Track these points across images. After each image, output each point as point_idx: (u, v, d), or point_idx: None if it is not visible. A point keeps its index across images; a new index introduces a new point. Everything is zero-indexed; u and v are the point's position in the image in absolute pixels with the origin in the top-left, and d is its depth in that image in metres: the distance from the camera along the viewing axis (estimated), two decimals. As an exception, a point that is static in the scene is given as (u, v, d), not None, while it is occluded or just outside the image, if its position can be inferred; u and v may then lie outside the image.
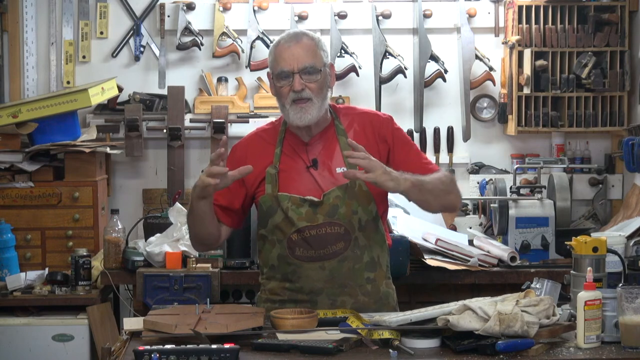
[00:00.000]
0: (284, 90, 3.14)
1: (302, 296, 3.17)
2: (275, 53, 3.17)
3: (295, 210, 3.14)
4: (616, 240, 3.13)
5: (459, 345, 2.66)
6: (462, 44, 4.94)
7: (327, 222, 3.14)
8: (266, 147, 3.24)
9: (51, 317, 4.31)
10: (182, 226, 4.28)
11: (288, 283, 3.20)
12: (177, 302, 4.06)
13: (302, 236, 3.15)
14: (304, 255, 3.16)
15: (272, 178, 3.17)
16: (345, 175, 2.99)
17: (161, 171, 5.02)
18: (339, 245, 3.15)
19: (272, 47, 3.20)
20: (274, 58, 3.17)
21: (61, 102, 4.60)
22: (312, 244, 3.15)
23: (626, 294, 2.71)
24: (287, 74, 3.12)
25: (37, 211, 4.58)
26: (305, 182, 3.17)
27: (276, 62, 3.16)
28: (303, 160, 3.19)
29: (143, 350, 2.53)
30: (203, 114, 4.97)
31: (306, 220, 3.14)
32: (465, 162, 5.05)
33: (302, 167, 3.19)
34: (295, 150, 3.21)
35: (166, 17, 4.97)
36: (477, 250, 4.32)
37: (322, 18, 4.96)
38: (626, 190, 4.90)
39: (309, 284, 3.16)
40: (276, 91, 3.18)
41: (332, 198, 3.15)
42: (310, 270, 3.16)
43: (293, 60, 3.12)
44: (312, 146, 3.21)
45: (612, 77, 4.80)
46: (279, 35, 3.22)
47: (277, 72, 3.15)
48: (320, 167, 3.19)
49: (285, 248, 3.17)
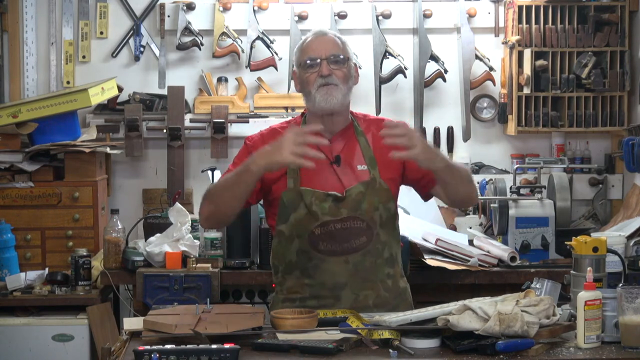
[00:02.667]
0: (311, 77, 3.20)
1: (324, 292, 3.17)
2: (302, 47, 3.26)
3: (319, 205, 3.17)
4: (616, 240, 3.13)
5: (459, 345, 2.66)
6: (462, 44, 4.94)
7: (351, 216, 3.18)
8: None
9: (51, 317, 4.31)
10: (182, 226, 4.28)
11: (308, 279, 3.19)
12: (177, 302, 4.05)
13: (327, 230, 3.17)
14: (328, 249, 3.18)
15: (294, 173, 3.19)
16: (393, 157, 3.01)
17: (161, 171, 5.02)
18: (362, 240, 3.19)
19: (299, 45, 3.28)
20: (301, 50, 3.25)
21: (61, 102, 4.60)
22: (336, 238, 3.18)
23: (626, 294, 2.71)
24: (315, 61, 3.19)
25: (37, 211, 4.58)
26: (328, 178, 3.20)
27: (303, 53, 3.24)
28: (326, 155, 3.20)
29: (143, 350, 2.53)
30: (203, 114, 4.97)
31: (330, 215, 3.17)
32: (465, 162, 5.04)
33: (325, 163, 3.20)
34: (317, 146, 3.16)
35: (166, 17, 4.97)
36: (477, 250, 4.32)
37: (322, 18, 4.96)
38: (626, 190, 4.90)
39: (332, 279, 3.18)
40: (302, 81, 3.23)
41: (355, 194, 3.19)
42: (334, 265, 3.18)
43: (321, 48, 3.21)
44: (335, 143, 3.24)
45: (612, 77, 4.80)
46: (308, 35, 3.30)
47: (304, 61, 3.21)
48: (342, 164, 3.23)
49: (306, 243, 3.18)
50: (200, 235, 4.38)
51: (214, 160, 4.94)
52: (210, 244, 4.32)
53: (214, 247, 4.32)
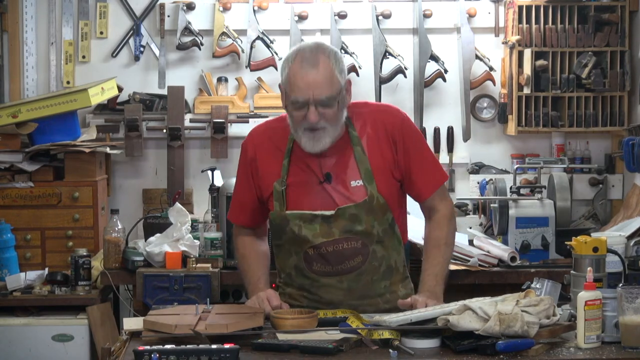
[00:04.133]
0: (298, 116, 3.01)
1: (322, 306, 3.12)
2: (290, 75, 3.01)
3: (308, 227, 3.08)
4: (616, 240, 3.13)
5: (459, 345, 2.66)
6: (462, 44, 4.94)
7: (344, 237, 3.09)
8: (275, 152, 3.15)
9: (51, 317, 4.31)
10: (182, 226, 4.28)
11: (306, 292, 3.18)
12: (177, 302, 4.05)
13: (319, 252, 3.10)
14: (321, 270, 3.12)
15: (279, 195, 3.10)
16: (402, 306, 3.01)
17: (161, 171, 5.02)
18: (357, 260, 3.12)
19: (287, 63, 3.03)
20: (289, 80, 3.01)
21: (61, 102, 4.60)
22: (329, 260, 3.10)
23: (626, 294, 2.71)
24: (303, 104, 2.99)
25: (37, 211, 4.57)
26: (317, 197, 3.09)
27: (291, 87, 3.00)
28: (315, 174, 3.10)
29: (143, 350, 2.53)
30: (203, 114, 4.97)
31: (322, 236, 3.08)
32: (465, 162, 5.05)
33: (314, 182, 3.10)
34: (306, 163, 3.10)
35: (166, 17, 4.97)
36: (477, 250, 4.32)
37: (322, 18, 4.96)
38: (626, 190, 4.90)
39: (328, 296, 3.14)
40: (289, 113, 3.07)
41: (348, 214, 3.08)
42: (328, 285, 3.13)
43: (309, 90, 2.97)
44: (326, 159, 3.10)
45: (612, 77, 4.80)
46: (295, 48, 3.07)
47: (291, 99, 3.01)
48: (334, 181, 3.10)
49: (302, 261, 3.14)
50: (200, 235, 4.38)
51: (214, 160, 4.93)
52: (210, 244, 4.32)
53: (214, 247, 4.32)
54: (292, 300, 3.20)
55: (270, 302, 3.07)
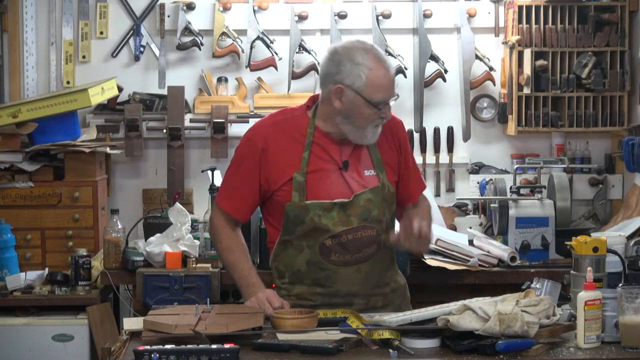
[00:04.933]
0: (373, 115, 3.10)
1: (337, 299, 3.16)
2: (372, 77, 3.07)
3: (327, 216, 3.12)
4: (616, 240, 3.13)
5: (459, 345, 2.66)
6: (462, 44, 4.94)
7: (361, 225, 3.15)
8: (291, 143, 3.17)
9: (51, 317, 4.31)
10: (182, 226, 4.28)
11: (320, 288, 3.18)
12: (177, 302, 4.05)
13: (339, 241, 3.14)
14: (340, 260, 3.16)
15: (300, 186, 3.13)
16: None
17: (161, 171, 5.01)
18: (372, 248, 3.18)
19: (361, 67, 3.07)
20: (372, 82, 3.07)
21: (61, 102, 4.60)
22: (348, 248, 3.15)
23: (626, 294, 2.71)
24: (386, 103, 3.10)
25: (37, 211, 4.57)
26: (335, 184, 3.15)
27: (376, 89, 3.07)
28: (335, 161, 3.17)
29: (143, 350, 2.53)
30: (203, 114, 4.97)
31: (341, 225, 3.13)
32: (465, 162, 5.05)
33: (333, 168, 3.16)
34: (326, 151, 3.17)
35: (166, 17, 4.97)
36: (477, 250, 4.32)
37: (322, 18, 4.96)
38: (626, 190, 4.90)
39: (345, 288, 3.17)
40: (360, 113, 3.09)
41: (363, 201, 3.15)
42: (346, 274, 3.16)
43: (391, 89, 3.10)
44: (344, 147, 3.19)
45: (612, 77, 4.80)
46: (357, 48, 3.10)
47: (376, 101, 3.07)
48: (350, 169, 3.18)
49: (317, 254, 3.15)
50: (200, 235, 4.38)
51: (214, 160, 4.93)
52: (210, 244, 4.32)
53: (214, 247, 4.32)
54: (301, 300, 3.18)
55: (272, 303, 3.07)
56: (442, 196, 5.04)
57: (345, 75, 3.07)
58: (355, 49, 3.10)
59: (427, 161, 5.04)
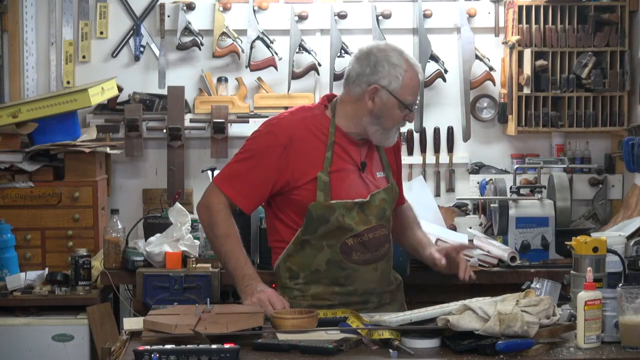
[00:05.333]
0: (400, 116, 3.18)
1: (354, 298, 3.21)
2: (408, 80, 3.16)
3: (349, 215, 3.17)
4: (616, 240, 3.13)
5: (459, 345, 2.66)
6: (462, 44, 4.94)
7: (378, 224, 3.23)
8: (315, 142, 3.20)
9: (51, 317, 4.31)
10: (182, 226, 4.28)
11: (338, 287, 3.21)
12: (177, 302, 4.05)
13: (360, 240, 3.20)
14: (361, 259, 3.21)
15: (325, 186, 3.16)
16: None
17: (161, 171, 5.02)
18: (386, 246, 3.28)
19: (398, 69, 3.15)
20: (406, 84, 3.15)
21: (61, 102, 4.60)
22: (368, 247, 3.21)
23: (626, 294, 2.71)
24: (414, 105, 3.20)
25: (37, 211, 4.58)
26: (354, 184, 3.21)
27: (409, 91, 3.16)
28: (354, 161, 3.23)
29: (143, 350, 2.53)
30: (203, 114, 4.97)
31: (362, 224, 3.19)
32: (465, 162, 5.05)
33: (353, 169, 3.23)
34: (346, 151, 3.22)
35: (166, 17, 4.97)
36: (477, 250, 4.31)
37: (322, 18, 4.96)
38: (626, 190, 4.90)
39: (364, 286, 3.23)
40: (390, 114, 3.16)
41: (378, 200, 3.23)
42: (365, 273, 3.22)
43: (418, 92, 3.22)
44: (362, 148, 3.25)
45: (612, 77, 4.80)
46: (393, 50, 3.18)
47: (408, 102, 3.17)
48: (365, 171, 3.26)
49: (338, 253, 3.19)
50: (200, 235, 4.38)
51: (214, 160, 4.93)
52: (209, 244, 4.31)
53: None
54: (318, 300, 3.20)
55: (274, 305, 3.07)
56: (442, 196, 5.04)
57: (383, 76, 3.14)
58: (390, 50, 3.17)
59: (427, 161, 5.04)
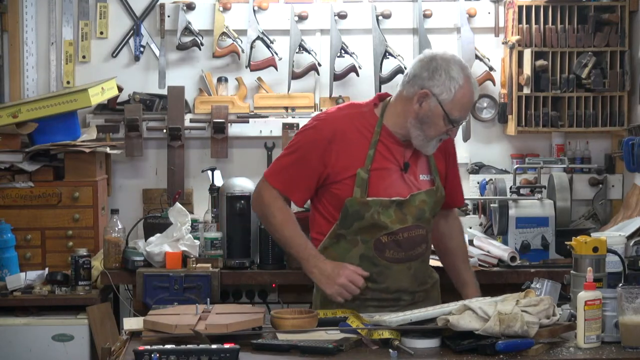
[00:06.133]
0: (443, 129, 3.19)
1: (386, 295, 3.23)
2: (460, 96, 3.16)
3: (385, 213, 3.19)
4: (616, 240, 3.13)
5: (459, 345, 2.66)
6: (462, 44, 4.94)
7: (415, 224, 3.24)
8: (359, 138, 3.23)
9: (51, 317, 4.31)
10: (182, 226, 4.28)
11: (371, 283, 3.23)
12: (177, 302, 4.05)
13: (394, 238, 3.22)
14: (394, 257, 3.23)
15: (363, 183, 3.19)
16: None
17: (161, 171, 5.02)
18: (422, 247, 3.30)
19: (456, 82, 3.15)
20: (458, 100, 3.16)
21: (61, 102, 4.60)
22: (402, 246, 3.23)
23: (626, 294, 2.72)
24: (459, 123, 3.21)
25: (37, 211, 4.57)
26: (394, 184, 3.23)
27: (459, 107, 3.16)
28: (397, 161, 3.24)
29: (143, 350, 2.53)
30: (203, 114, 4.97)
31: (398, 222, 3.21)
32: (465, 162, 5.04)
33: (395, 169, 3.24)
34: (390, 150, 3.24)
35: (166, 17, 4.97)
36: (477, 250, 4.32)
37: (322, 18, 4.96)
38: (626, 190, 4.90)
39: (396, 284, 3.25)
40: (434, 123, 3.17)
41: (418, 201, 3.24)
42: (398, 272, 3.24)
43: (468, 111, 3.24)
44: (407, 149, 3.26)
45: (612, 77, 4.80)
46: (457, 64, 3.19)
47: (454, 118, 3.17)
48: (408, 172, 3.27)
49: (371, 249, 3.22)
50: (200, 235, 4.38)
51: (214, 160, 4.93)
52: (210, 244, 4.32)
53: (214, 247, 4.32)
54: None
55: (356, 283, 3.14)
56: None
57: (437, 84, 3.15)
58: (453, 62, 3.18)
59: (427, 161, 5.03)
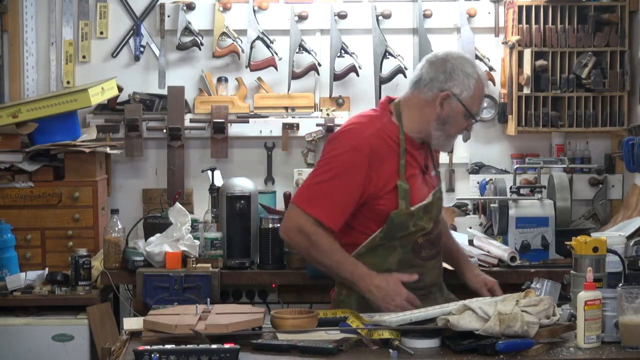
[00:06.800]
0: (464, 125, 3.34)
1: (418, 292, 3.29)
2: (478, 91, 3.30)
3: (423, 218, 3.30)
4: (616, 240, 3.13)
5: (459, 345, 2.66)
6: (462, 44, 4.94)
7: (437, 221, 3.38)
8: (389, 151, 3.29)
9: (51, 317, 4.31)
10: (182, 226, 4.28)
11: (409, 283, 3.28)
12: (177, 302, 4.05)
13: (429, 238, 3.33)
14: (428, 255, 3.36)
15: (406, 194, 3.26)
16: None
17: (161, 171, 5.02)
18: (442, 242, 3.48)
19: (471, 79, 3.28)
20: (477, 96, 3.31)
21: (61, 102, 4.60)
22: (434, 243, 3.37)
23: (626, 294, 2.72)
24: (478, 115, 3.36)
25: (37, 211, 4.57)
26: (421, 187, 3.34)
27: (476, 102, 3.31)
28: (419, 165, 3.35)
29: (143, 350, 2.53)
30: (203, 114, 4.97)
31: (431, 222, 3.34)
32: (465, 162, 5.04)
33: (419, 173, 3.35)
34: (414, 157, 3.34)
35: (166, 17, 4.97)
36: (477, 250, 4.32)
37: (322, 18, 4.96)
38: (626, 190, 4.90)
39: (430, 280, 3.37)
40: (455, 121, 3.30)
41: (436, 198, 3.36)
42: (431, 268, 3.37)
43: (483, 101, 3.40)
44: (423, 151, 3.41)
45: (612, 77, 4.80)
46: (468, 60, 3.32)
47: (474, 112, 3.31)
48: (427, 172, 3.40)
49: (409, 252, 3.30)
50: (200, 235, 4.38)
51: (214, 160, 4.94)
52: (210, 244, 4.32)
53: (214, 247, 4.32)
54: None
55: (413, 303, 3.18)
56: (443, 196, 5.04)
57: (456, 84, 3.26)
58: (465, 60, 3.31)
59: (427, 161, 5.04)
